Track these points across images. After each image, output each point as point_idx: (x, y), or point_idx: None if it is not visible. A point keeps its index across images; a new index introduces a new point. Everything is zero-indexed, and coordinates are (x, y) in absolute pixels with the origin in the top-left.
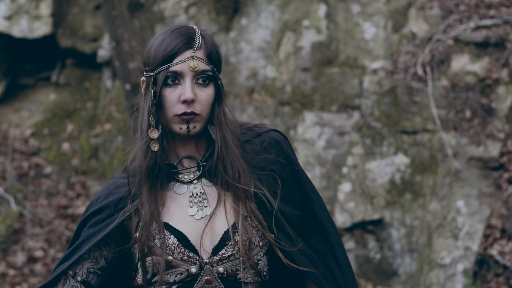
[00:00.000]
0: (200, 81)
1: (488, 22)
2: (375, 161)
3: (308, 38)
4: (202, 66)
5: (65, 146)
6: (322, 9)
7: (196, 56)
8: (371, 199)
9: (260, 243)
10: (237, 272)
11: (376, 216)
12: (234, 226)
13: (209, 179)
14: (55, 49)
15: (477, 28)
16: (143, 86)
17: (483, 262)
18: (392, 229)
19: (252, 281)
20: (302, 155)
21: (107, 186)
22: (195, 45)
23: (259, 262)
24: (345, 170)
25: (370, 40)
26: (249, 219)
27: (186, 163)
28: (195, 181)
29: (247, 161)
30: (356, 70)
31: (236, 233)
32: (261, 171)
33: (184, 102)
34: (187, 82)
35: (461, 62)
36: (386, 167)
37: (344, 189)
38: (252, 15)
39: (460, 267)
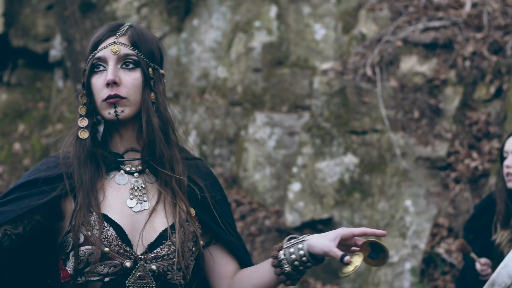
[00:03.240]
0: (124, 65)
1: (436, 23)
2: (324, 161)
3: (259, 39)
4: (124, 50)
5: (17, 146)
6: (273, 10)
7: (118, 42)
8: (321, 198)
9: (193, 248)
10: (168, 273)
11: (325, 215)
12: (172, 227)
13: (151, 175)
14: (6, 49)
15: (426, 29)
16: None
17: (430, 260)
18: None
19: (178, 283)
20: (253, 155)
21: (44, 161)
22: (119, 32)
23: (188, 266)
24: (295, 170)
25: (320, 41)
26: (187, 223)
27: (130, 155)
28: (137, 174)
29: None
30: (306, 71)
31: (174, 234)
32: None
33: (108, 85)
34: (110, 65)
35: (410, 63)
36: (336, 167)
37: (294, 188)
38: (204, 16)
39: (407, 265)
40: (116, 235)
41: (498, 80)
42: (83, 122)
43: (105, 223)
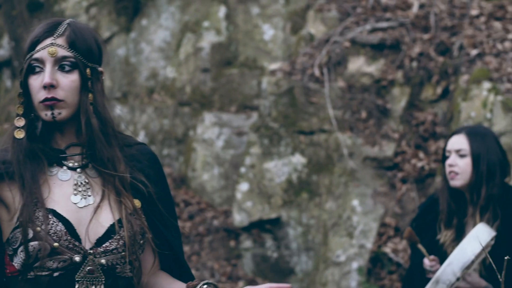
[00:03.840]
0: (61, 67)
1: (384, 24)
2: (272, 161)
3: (208, 39)
4: (62, 52)
5: None
6: (222, 11)
7: (55, 43)
8: (269, 198)
9: (141, 241)
10: (117, 266)
11: (273, 215)
12: (119, 221)
13: (94, 170)
14: None
15: (374, 30)
16: None
17: (377, 260)
18: (289, 228)
19: (127, 276)
20: (201, 155)
21: None
22: (56, 33)
23: (136, 259)
24: (243, 170)
25: (269, 42)
26: (134, 216)
27: (72, 150)
28: (79, 169)
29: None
30: (255, 71)
31: (122, 228)
32: (136, 170)
33: (45, 87)
34: (47, 68)
35: (357, 64)
36: (283, 167)
37: (242, 188)
38: (153, 16)
39: (354, 265)
40: (65, 230)
41: (445, 81)
42: (20, 122)
43: (54, 218)
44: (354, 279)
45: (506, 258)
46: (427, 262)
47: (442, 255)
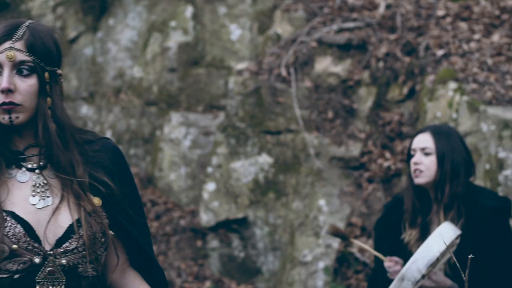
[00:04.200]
0: (19, 72)
1: (350, 24)
2: (239, 161)
3: (175, 39)
4: (20, 56)
5: None
6: (189, 10)
7: (14, 47)
8: (235, 198)
9: (102, 239)
10: (79, 266)
11: (240, 215)
12: (78, 220)
13: (53, 171)
14: None
15: (340, 30)
16: None
17: (343, 260)
18: (256, 227)
19: (90, 275)
20: (168, 155)
21: None
22: (15, 36)
23: (99, 257)
24: (210, 169)
25: (236, 42)
26: (93, 214)
27: (31, 151)
28: (38, 170)
29: (83, 157)
30: (222, 71)
31: (81, 228)
32: (97, 169)
33: (3, 92)
34: (5, 72)
35: (324, 64)
36: (250, 167)
37: (209, 188)
38: (120, 15)
39: (321, 264)
40: (24, 232)
41: (411, 81)
42: None
43: (12, 220)
44: (321, 279)
45: (469, 257)
46: (386, 264)
47: (407, 255)
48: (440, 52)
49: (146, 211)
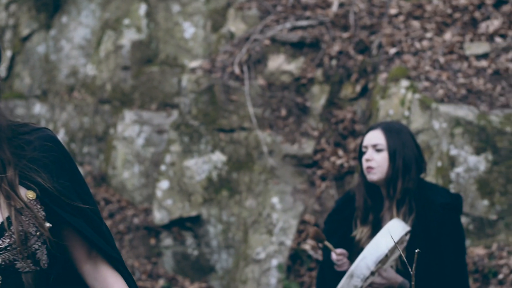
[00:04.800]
0: None
1: (304, 23)
2: (192, 159)
3: (129, 37)
4: None
5: None
6: (142, 8)
7: None
8: (189, 196)
9: (38, 233)
10: (15, 262)
11: (193, 213)
12: (8, 218)
13: None
14: None
15: (294, 28)
16: None
17: (296, 257)
18: (209, 225)
19: (30, 270)
20: (122, 153)
21: None
22: None
23: (37, 251)
24: (163, 167)
25: (189, 40)
26: (25, 210)
27: None
28: None
29: (16, 153)
30: (175, 69)
31: (12, 226)
32: (31, 164)
33: None
34: None
35: (277, 62)
36: (204, 165)
37: (162, 186)
38: (73, 13)
39: (274, 262)
40: None
41: (364, 79)
42: None
43: None
44: (274, 276)
45: (416, 251)
46: (334, 256)
47: (358, 252)
48: (392, 51)
49: (99, 210)
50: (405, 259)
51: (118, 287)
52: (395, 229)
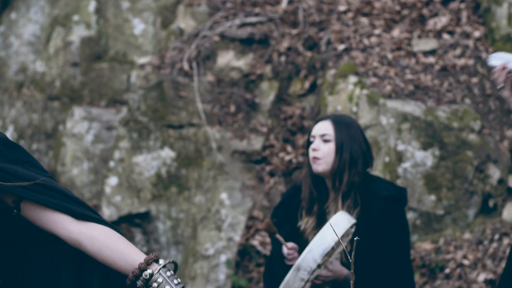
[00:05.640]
0: None
1: (253, 19)
2: (141, 155)
3: (78, 33)
4: None
5: None
6: (92, 5)
7: None
8: (138, 192)
9: None
10: None
11: (142, 209)
12: None
13: None
14: None
15: (243, 25)
16: None
17: (245, 253)
18: (158, 222)
19: None
20: (71, 150)
21: None
22: None
23: None
24: (112, 164)
25: (139, 36)
26: None
27: None
28: None
29: None
30: (125, 65)
31: None
32: None
33: None
34: None
35: (226, 58)
36: (153, 161)
37: (111, 182)
38: (22, 9)
39: (223, 258)
40: None
41: (313, 75)
42: None
43: None
44: (223, 272)
45: (355, 239)
46: (285, 250)
47: (303, 243)
48: (341, 47)
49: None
50: (347, 253)
51: (99, 232)
52: (341, 222)
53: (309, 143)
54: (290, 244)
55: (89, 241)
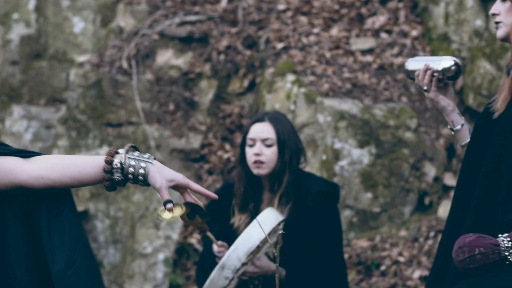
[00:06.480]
0: None
1: (193, 18)
2: (80, 154)
3: (17, 32)
4: None
5: None
6: (31, 3)
7: None
8: (76, 191)
9: None
10: None
11: (81, 208)
12: None
13: None
14: None
15: (182, 23)
16: None
17: (183, 251)
18: (97, 220)
19: None
20: None
21: None
22: None
23: None
24: None
25: (79, 34)
26: None
27: None
28: None
29: None
30: (64, 64)
31: None
32: None
33: None
34: None
35: (166, 57)
36: None
37: None
38: None
39: (161, 256)
40: None
41: (251, 74)
42: None
43: None
44: (161, 270)
45: (280, 232)
46: (215, 248)
47: (235, 239)
48: (280, 45)
49: None
50: (274, 249)
51: (52, 158)
52: (267, 220)
53: (244, 142)
54: (220, 242)
55: (50, 169)
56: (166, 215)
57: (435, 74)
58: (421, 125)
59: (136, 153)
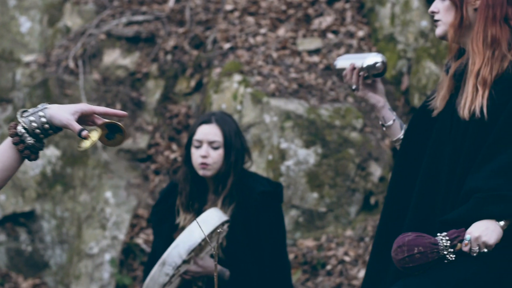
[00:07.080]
0: None
1: (140, 18)
2: None
3: None
4: None
5: None
6: None
7: None
8: (22, 191)
9: None
10: None
11: (27, 209)
12: None
13: None
14: None
15: (130, 23)
16: None
17: (129, 251)
18: (43, 221)
19: None
20: None
21: None
22: None
23: None
24: None
25: (26, 34)
26: None
27: None
28: None
29: None
30: (11, 63)
31: None
32: None
33: None
34: None
35: (113, 56)
36: (37, 160)
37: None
38: None
39: (107, 256)
40: None
41: (199, 74)
42: None
43: None
44: (107, 271)
45: (218, 231)
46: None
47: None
48: (227, 46)
49: None
50: (215, 249)
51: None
52: (210, 219)
53: (190, 143)
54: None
55: None
56: (85, 143)
57: (361, 72)
58: (367, 125)
59: (30, 110)
